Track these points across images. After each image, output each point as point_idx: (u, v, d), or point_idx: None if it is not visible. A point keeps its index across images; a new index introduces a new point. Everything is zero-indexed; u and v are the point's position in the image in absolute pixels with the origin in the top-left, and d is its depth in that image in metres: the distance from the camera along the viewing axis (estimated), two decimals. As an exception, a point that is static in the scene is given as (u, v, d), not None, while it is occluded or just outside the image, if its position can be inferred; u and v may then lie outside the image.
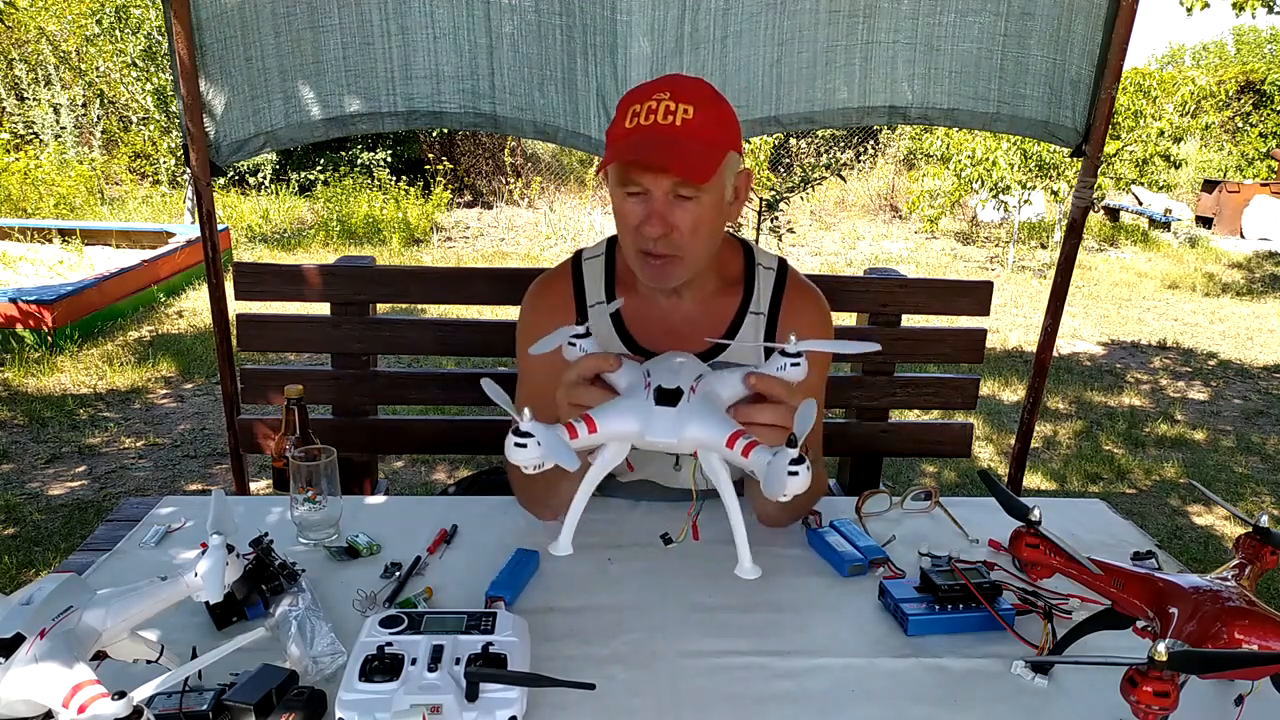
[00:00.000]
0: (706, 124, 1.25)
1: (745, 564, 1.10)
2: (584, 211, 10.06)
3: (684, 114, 1.24)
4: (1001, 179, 8.11)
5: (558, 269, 1.54)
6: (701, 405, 1.07)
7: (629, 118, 1.27)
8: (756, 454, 1.01)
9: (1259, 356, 5.95)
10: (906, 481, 3.78)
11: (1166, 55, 32.80)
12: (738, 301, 1.49)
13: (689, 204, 1.28)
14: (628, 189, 1.30)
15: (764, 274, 1.51)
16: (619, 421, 1.06)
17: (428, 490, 3.61)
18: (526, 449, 0.97)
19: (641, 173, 1.27)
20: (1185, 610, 0.96)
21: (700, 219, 1.30)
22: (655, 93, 1.27)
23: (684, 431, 1.05)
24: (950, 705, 1.03)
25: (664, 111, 1.24)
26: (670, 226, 1.29)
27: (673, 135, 1.23)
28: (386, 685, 0.91)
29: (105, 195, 9.47)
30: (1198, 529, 3.53)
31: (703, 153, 1.24)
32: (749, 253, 1.52)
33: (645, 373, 1.12)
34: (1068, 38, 1.91)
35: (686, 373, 1.10)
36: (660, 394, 1.07)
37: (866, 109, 2.03)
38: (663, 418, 1.05)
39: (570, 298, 1.49)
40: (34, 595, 0.91)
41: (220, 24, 1.81)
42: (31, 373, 4.64)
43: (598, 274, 1.50)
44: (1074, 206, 2.00)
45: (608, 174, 1.34)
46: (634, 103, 1.28)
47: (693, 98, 1.25)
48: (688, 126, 1.24)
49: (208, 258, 1.93)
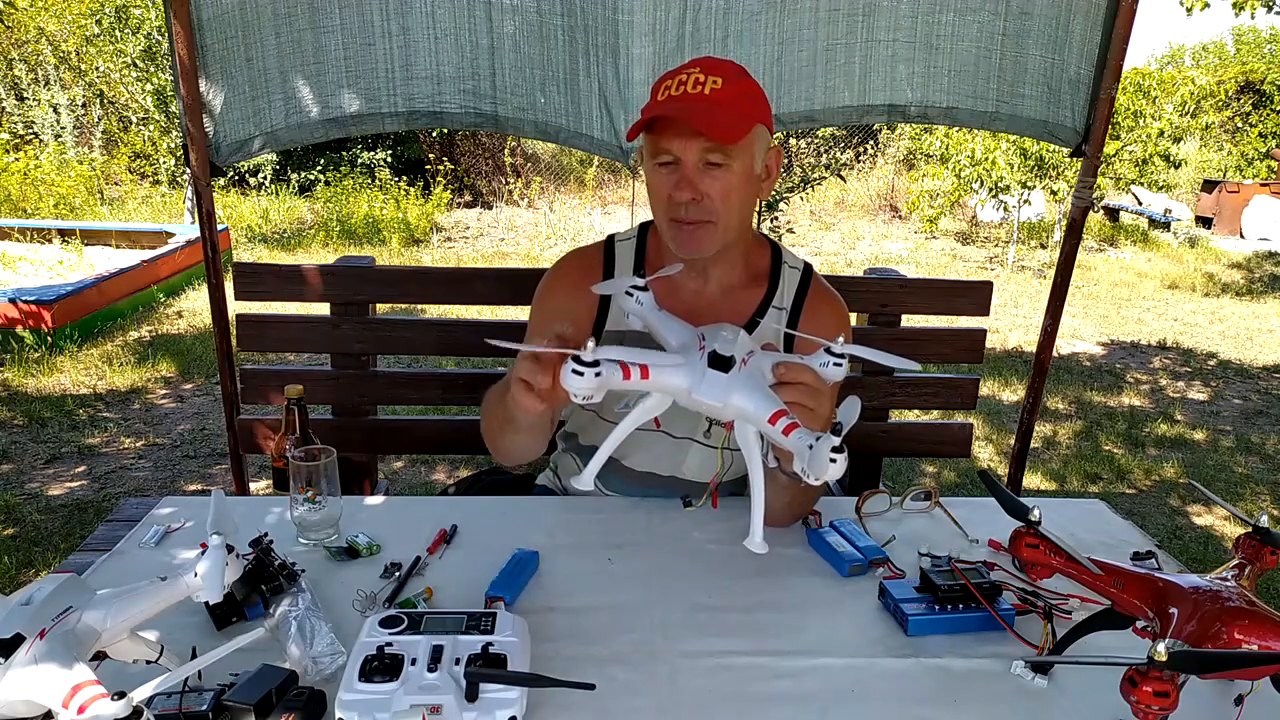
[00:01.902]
0: (735, 95, 1.30)
1: (756, 537, 1.11)
2: (584, 211, 10.06)
3: (713, 84, 1.28)
4: (1001, 179, 8.11)
5: (592, 246, 1.58)
6: (750, 378, 1.09)
7: (662, 92, 1.32)
8: (797, 435, 1.03)
9: (1259, 356, 5.95)
10: (906, 481, 3.78)
11: (1166, 55, 32.80)
12: (761, 295, 1.51)
13: (719, 171, 1.32)
14: (659, 159, 1.34)
15: (789, 273, 1.54)
16: (672, 375, 1.08)
17: (428, 490, 3.61)
18: (584, 378, 1.00)
19: (671, 139, 1.31)
20: (1185, 610, 0.96)
21: (730, 186, 1.33)
22: (687, 69, 1.32)
23: (730, 398, 1.07)
24: (950, 705, 1.03)
25: (693, 83, 1.29)
26: (701, 193, 1.32)
27: (702, 102, 1.28)
28: (386, 685, 0.91)
29: (105, 195, 9.47)
30: (1197, 529, 3.53)
31: (731, 118, 1.28)
32: (776, 251, 1.56)
33: (700, 336, 1.14)
34: (1067, 37, 1.91)
35: (741, 345, 1.12)
36: (714, 358, 1.09)
37: (866, 108, 2.03)
38: (714, 381, 1.08)
39: (599, 272, 1.53)
40: (34, 595, 0.91)
41: (220, 24, 1.81)
42: (31, 373, 4.64)
43: (628, 256, 1.54)
44: (1074, 206, 2.00)
45: (642, 154, 1.38)
46: (666, 80, 1.32)
47: (722, 71, 1.31)
48: (716, 94, 1.28)
49: (207, 258, 1.93)
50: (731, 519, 1.44)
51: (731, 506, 1.48)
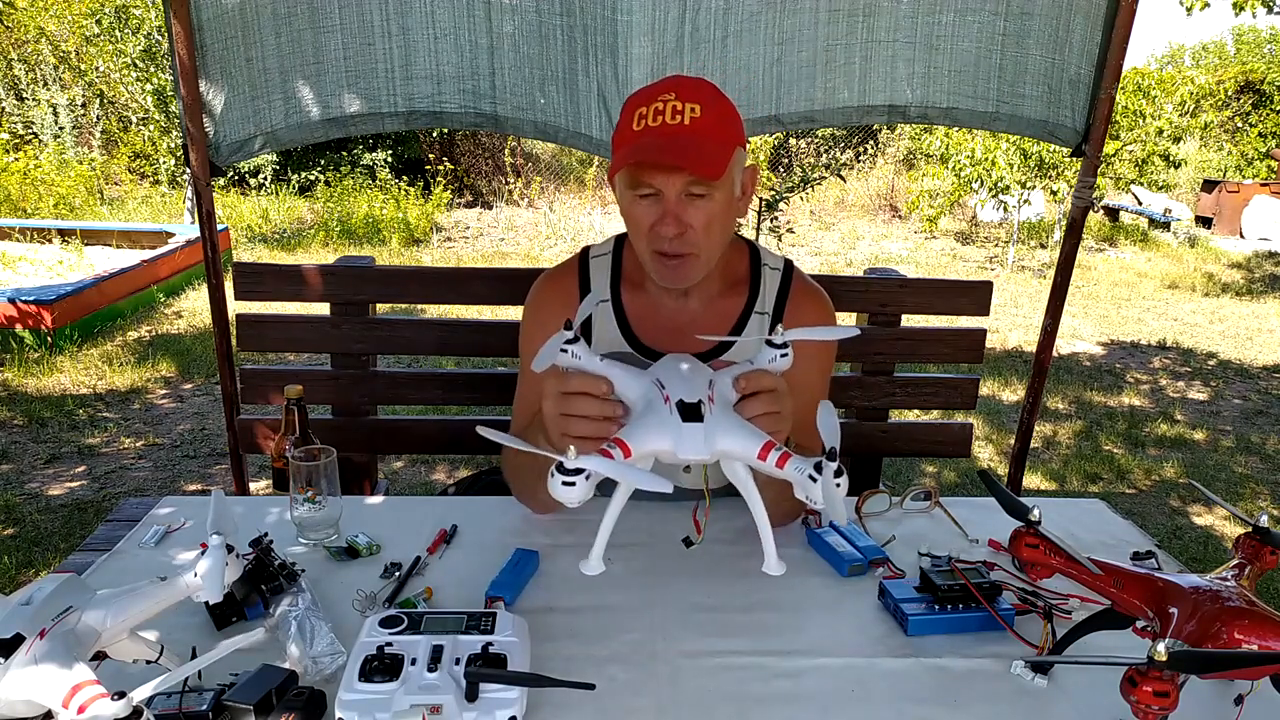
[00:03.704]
0: (714, 121, 1.26)
1: (771, 561, 1.10)
2: (584, 211, 10.06)
3: (691, 113, 1.25)
4: (1001, 179, 8.11)
5: (564, 264, 1.54)
6: (725, 417, 1.07)
7: (636, 120, 1.27)
8: (792, 465, 1.01)
9: (1259, 356, 5.95)
10: (906, 481, 3.78)
11: (1166, 55, 32.79)
12: (743, 302, 1.49)
13: (701, 201, 1.29)
14: (638, 191, 1.30)
15: (769, 274, 1.51)
16: (652, 440, 1.04)
17: (428, 490, 3.61)
18: (576, 488, 0.96)
19: (653, 173, 1.27)
20: (1185, 610, 0.96)
21: (713, 215, 1.31)
22: (660, 94, 1.27)
23: (715, 446, 1.04)
24: (950, 705, 1.03)
25: (671, 112, 1.25)
26: (684, 225, 1.29)
27: (683, 134, 1.24)
28: (386, 685, 0.91)
29: (105, 195, 9.47)
30: (1197, 529, 3.53)
31: (714, 150, 1.25)
32: (754, 253, 1.53)
33: (658, 384, 1.10)
34: (1067, 37, 1.91)
35: (698, 381, 1.09)
36: (683, 409, 1.05)
37: (866, 108, 2.03)
38: (693, 434, 1.04)
39: (575, 294, 1.49)
40: (34, 595, 0.91)
41: (221, 24, 1.81)
42: (31, 373, 4.64)
43: (604, 271, 1.51)
44: (1074, 206, 2.00)
45: (613, 179, 1.34)
46: (639, 105, 1.28)
47: (698, 96, 1.26)
48: (696, 125, 1.24)
49: (207, 258, 1.93)
50: (731, 519, 1.44)
51: (731, 506, 1.47)
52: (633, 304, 1.47)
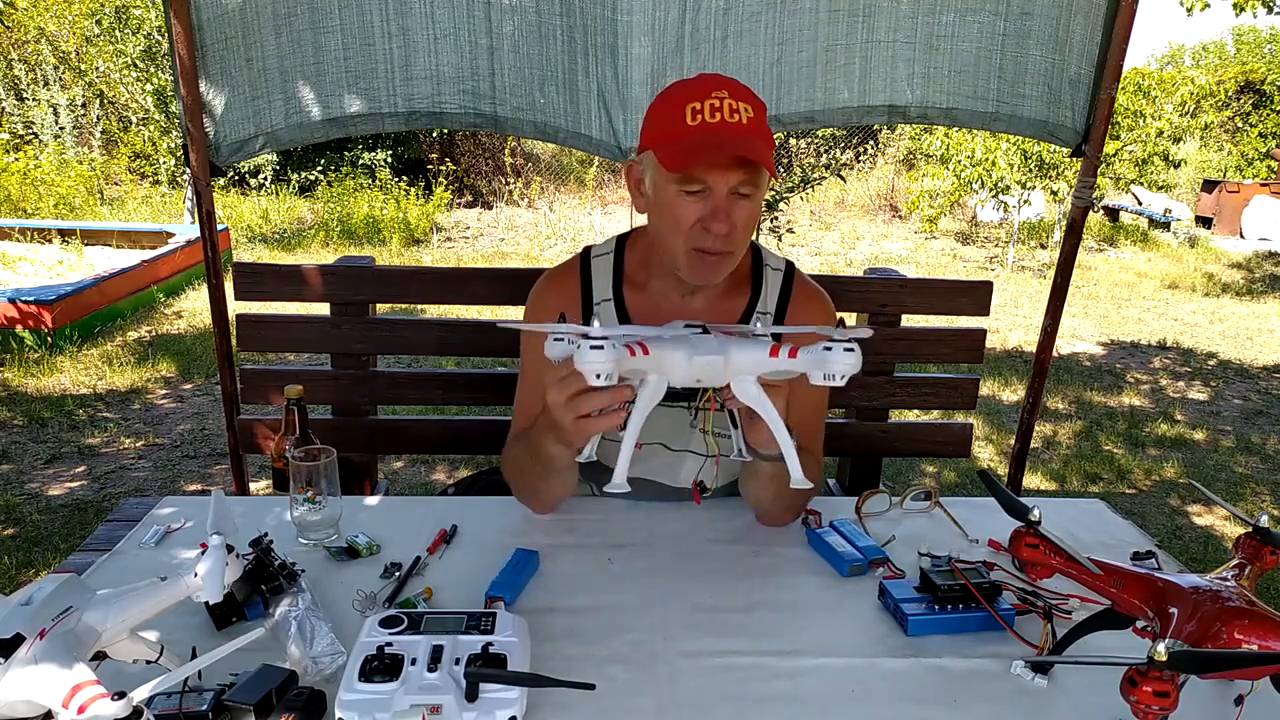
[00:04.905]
0: (761, 122, 1.29)
1: (796, 474, 1.13)
2: (584, 211, 10.06)
3: (746, 113, 1.27)
4: (1001, 179, 8.11)
5: (566, 264, 1.54)
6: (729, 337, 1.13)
7: (690, 115, 1.26)
8: (805, 351, 1.07)
9: (1259, 356, 5.95)
10: (906, 481, 3.78)
11: (1166, 55, 32.80)
12: (745, 301, 1.50)
13: (745, 201, 1.30)
14: (688, 187, 1.29)
15: (772, 275, 1.52)
16: (670, 347, 1.09)
17: (428, 490, 3.61)
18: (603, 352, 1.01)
19: (709, 169, 1.27)
20: (1185, 610, 0.96)
21: (752, 215, 1.33)
22: (713, 90, 1.27)
23: (728, 352, 1.10)
24: (950, 705, 1.03)
25: (729, 110, 1.26)
26: (731, 224, 1.30)
27: (744, 133, 1.26)
28: (386, 685, 0.91)
29: (105, 195, 9.47)
30: (1198, 529, 3.53)
31: (767, 151, 1.28)
32: (756, 253, 1.53)
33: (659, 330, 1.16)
34: (1067, 37, 1.91)
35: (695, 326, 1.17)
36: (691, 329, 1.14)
37: (866, 108, 2.03)
38: (707, 341, 1.11)
39: (577, 294, 1.49)
40: (34, 595, 0.91)
41: (221, 25, 1.81)
42: (31, 373, 4.64)
43: (605, 271, 1.50)
44: (1074, 206, 2.00)
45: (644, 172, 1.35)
46: (690, 100, 1.27)
47: (748, 97, 1.29)
48: (752, 124, 1.27)
49: (207, 258, 1.93)
50: (731, 519, 1.44)
51: (730, 506, 1.48)
52: (635, 304, 1.47)
